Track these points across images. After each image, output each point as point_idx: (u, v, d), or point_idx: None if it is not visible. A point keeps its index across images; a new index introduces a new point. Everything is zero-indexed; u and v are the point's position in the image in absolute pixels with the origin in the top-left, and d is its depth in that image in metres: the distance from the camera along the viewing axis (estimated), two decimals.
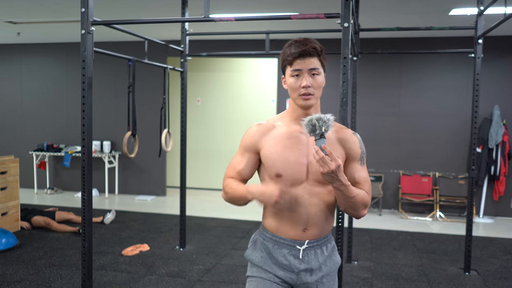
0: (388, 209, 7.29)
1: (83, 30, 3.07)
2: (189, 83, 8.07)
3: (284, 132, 1.79)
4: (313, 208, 1.75)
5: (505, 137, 6.67)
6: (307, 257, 1.79)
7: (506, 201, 6.91)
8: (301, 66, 1.71)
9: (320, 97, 1.79)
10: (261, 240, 1.87)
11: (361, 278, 4.26)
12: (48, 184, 8.36)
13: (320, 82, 1.75)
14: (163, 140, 4.84)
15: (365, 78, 6.94)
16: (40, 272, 4.24)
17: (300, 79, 1.73)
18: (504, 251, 5.21)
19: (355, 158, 1.79)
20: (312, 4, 5.15)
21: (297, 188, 1.74)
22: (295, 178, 1.74)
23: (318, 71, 1.73)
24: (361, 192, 1.72)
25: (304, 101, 1.74)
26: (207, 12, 3.16)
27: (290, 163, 1.73)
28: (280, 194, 1.62)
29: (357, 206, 1.71)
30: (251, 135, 1.82)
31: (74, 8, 5.49)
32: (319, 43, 1.75)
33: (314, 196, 1.75)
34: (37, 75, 8.53)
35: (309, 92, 1.73)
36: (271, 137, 1.79)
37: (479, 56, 4.31)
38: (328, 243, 1.85)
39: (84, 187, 3.13)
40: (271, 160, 1.76)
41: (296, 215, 1.75)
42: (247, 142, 1.83)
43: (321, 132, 1.57)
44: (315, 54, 1.72)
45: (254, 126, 1.84)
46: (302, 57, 1.71)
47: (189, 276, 4.23)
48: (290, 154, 1.74)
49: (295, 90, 1.75)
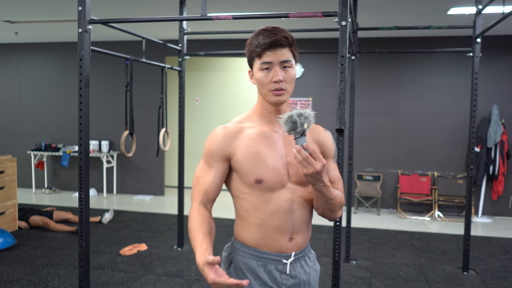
0: (386, 209, 7.29)
1: (80, 28, 3.07)
2: (187, 83, 8.06)
3: (255, 133, 1.58)
4: (297, 213, 1.59)
5: (504, 137, 6.67)
6: (294, 270, 1.62)
7: (504, 200, 6.91)
8: (272, 58, 1.52)
9: (291, 92, 1.59)
10: (240, 259, 1.62)
11: (359, 278, 4.25)
12: (46, 183, 8.35)
13: (293, 75, 1.56)
14: (161, 139, 4.83)
15: (363, 78, 6.94)
16: (37, 271, 4.22)
17: (270, 72, 1.53)
18: (502, 251, 5.20)
19: (329, 156, 1.66)
20: (310, 3, 5.14)
21: (279, 193, 1.56)
22: (277, 182, 1.56)
23: (291, 64, 1.54)
24: (338, 193, 1.59)
25: (276, 97, 1.54)
26: (204, 11, 3.16)
27: (269, 166, 1.55)
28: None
29: (335, 207, 1.59)
30: (219, 140, 1.58)
31: (72, 8, 5.48)
32: (289, 32, 1.56)
33: (296, 200, 1.59)
34: (35, 74, 8.51)
35: (281, 87, 1.53)
36: (243, 140, 1.57)
37: (478, 55, 4.30)
38: (309, 252, 1.70)
39: (81, 187, 3.12)
40: (248, 166, 1.55)
41: (282, 223, 1.57)
42: (214, 149, 1.58)
43: (303, 130, 1.42)
44: (287, 44, 1.53)
45: (220, 129, 1.60)
46: (272, 48, 1.51)
47: (187, 275, 4.22)
48: (268, 156, 1.56)
49: (266, 85, 1.54)
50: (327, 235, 5.58)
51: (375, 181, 7.17)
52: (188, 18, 3.42)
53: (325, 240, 5.40)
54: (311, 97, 7.38)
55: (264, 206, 1.56)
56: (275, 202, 1.56)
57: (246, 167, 1.55)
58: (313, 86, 7.31)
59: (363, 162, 7.23)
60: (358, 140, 6.66)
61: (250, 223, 1.59)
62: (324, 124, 1.75)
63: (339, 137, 2.66)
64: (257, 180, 1.54)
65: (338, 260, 2.80)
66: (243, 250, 1.62)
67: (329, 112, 6.99)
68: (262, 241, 1.58)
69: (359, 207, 7.30)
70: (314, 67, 7.28)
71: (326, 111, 7.07)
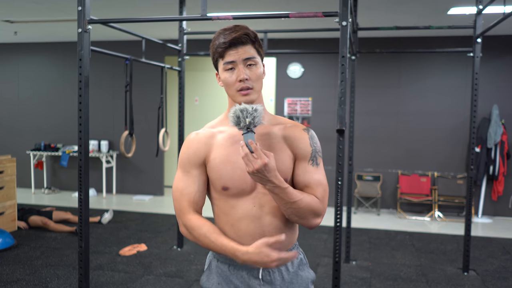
0: (386, 209, 7.28)
1: (80, 28, 3.06)
2: (187, 83, 8.05)
3: (225, 138, 1.55)
4: (267, 219, 1.52)
5: (504, 137, 6.66)
6: (269, 276, 1.56)
7: (505, 201, 6.90)
8: (234, 57, 1.47)
9: (261, 90, 1.54)
10: (215, 262, 1.62)
11: (360, 278, 4.24)
12: (46, 184, 8.33)
13: (259, 73, 1.50)
14: (160, 139, 4.82)
15: (363, 78, 6.94)
16: (37, 272, 4.21)
17: (235, 72, 1.48)
18: (503, 251, 5.20)
19: (304, 158, 1.55)
20: (310, 3, 5.13)
21: (245, 199, 1.52)
22: (243, 188, 1.51)
23: (255, 61, 1.49)
24: (306, 198, 1.47)
25: (243, 96, 1.48)
26: (204, 11, 3.15)
27: (235, 172, 1.50)
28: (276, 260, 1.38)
29: (303, 213, 1.47)
30: (194, 146, 1.55)
31: (71, 7, 5.47)
32: (252, 29, 1.52)
33: (265, 204, 1.52)
34: (35, 74, 8.50)
35: (247, 86, 1.48)
36: (214, 146, 1.54)
37: (478, 56, 4.30)
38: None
39: (81, 187, 3.11)
40: (217, 172, 1.52)
41: (250, 229, 1.52)
42: (191, 157, 1.55)
43: (246, 125, 1.36)
44: (248, 41, 1.48)
45: (193, 135, 1.58)
46: (234, 47, 1.47)
47: (186, 276, 4.21)
48: (235, 163, 1.50)
49: (231, 86, 1.50)
50: (327, 235, 5.57)
51: (375, 181, 7.16)
52: (188, 18, 3.41)
53: (325, 240, 5.40)
54: (311, 97, 7.37)
55: (231, 212, 1.53)
56: (241, 208, 1.52)
57: (215, 174, 1.52)
58: (313, 86, 7.30)
59: (363, 162, 7.22)
60: (358, 140, 6.65)
61: (221, 228, 1.57)
62: (324, 124, 1.72)
63: (340, 137, 2.65)
64: (223, 187, 1.52)
65: (338, 261, 2.79)
66: (217, 255, 1.61)
67: (329, 112, 6.98)
68: None
69: (359, 207, 7.29)
70: (314, 67, 7.27)
71: (326, 112, 7.06)
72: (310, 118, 7.27)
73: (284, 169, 1.52)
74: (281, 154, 1.53)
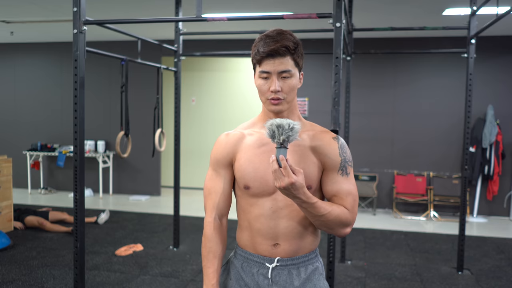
0: (382, 209, 7.31)
1: (75, 29, 3.06)
2: (183, 83, 8.07)
3: (254, 140, 1.59)
4: (283, 221, 1.55)
5: (499, 137, 6.69)
6: (279, 277, 1.58)
7: (499, 200, 6.94)
8: (270, 68, 1.49)
9: (293, 100, 1.57)
10: (232, 258, 1.69)
11: (355, 278, 4.26)
12: (42, 184, 8.33)
13: (293, 85, 1.52)
14: (156, 140, 4.83)
15: (359, 78, 6.96)
16: (32, 272, 4.22)
17: (268, 81, 1.51)
18: (497, 251, 5.23)
19: (333, 168, 1.55)
20: (306, 3, 5.15)
21: (264, 200, 1.56)
22: (263, 189, 1.55)
23: (290, 73, 1.50)
24: (335, 210, 1.48)
25: (273, 106, 1.53)
26: (199, 12, 3.16)
27: (258, 173, 1.54)
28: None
29: (331, 225, 1.49)
30: (223, 146, 1.62)
31: (67, 7, 5.47)
32: (294, 38, 1.52)
33: (284, 208, 1.55)
34: (31, 74, 8.49)
35: (278, 97, 1.51)
36: (241, 147, 1.60)
37: (472, 56, 4.32)
38: (308, 265, 1.61)
39: (77, 187, 3.12)
40: (240, 172, 1.57)
41: (264, 228, 1.56)
42: (219, 157, 1.62)
43: (280, 142, 1.36)
44: (287, 53, 1.48)
45: (223, 136, 1.65)
46: (271, 57, 1.48)
47: (182, 276, 4.23)
48: (259, 163, 1.55)
49: (264, 94, 1.53)
50: (323, 236, 5.59)
51: (371, 181, 7.19)
52: (183, 20, 3.42)
53: (321, 240, 5.42)
54: (307, 98, 7.40)
55: (249, 210, 1.59)
56: (258, 207, 1.57)
57: (239, 173, 1.58)
58: (309, 87, 7.32)
59: (359, 162, 7.25)
60: (354, 140, 6.68)
61: (240, 224, 1.65)
62: (320, 124, 1.70)
63: None
64: (245, 186, 1.57)
65: (332, 260, 2.81)
66: (236, 250, 1.69)
67: (325, 112, 7.00)
68: (249, 243, 1.61)
69: None
70: (311, 67, 7.29)
71: (323, 112, 7.09)
72: (306, 118, 7.27)
73: (311, 176, 1.54)
74: (308, 162, 1.55)
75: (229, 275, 1.66)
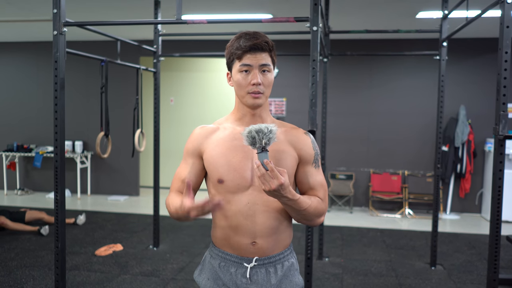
0: (359, 207, 7.46)
1: (55, 31, 3.08)
2: (162, 83, 8.07)
3: (227, 134, 1.63)
4: (261, 217, 1.58)
5: (471, 136, 6.91)
6: (257, 276, 1.60)
7: (471, 198, 7.15)
8: (252, 61, 1.55)
9: (268, 96, 1.62)
10: (208, 258, 1.70)
11: (332, 274, 4.37)
12: (18, 185, 8.22)
13: (271, 80, 1.59)
14: (136, 140, 4.85)
15: (335, 79, 7.08)
16: (12, 273, 4.20)
17: (249, 75, 1.56)
18: (468, 246, 5.41)
19: (308, 161, 1.63)
20: (284, 5, 5.23)
21: (240, 195, 1.57)
22: (238, 183, 1.57)
23: (269, 68, 1.57)
24: (314, 202, 1.57)
25: (253, 99, 1.57)
26: (179, 14, 3.21)
27: (232, 166, 1.57)
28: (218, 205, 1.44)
29: (310, 217, 1.57)
30: (193, 138, 1.67)
31: (44, 8, 5.44)
32: (269, 38, 1.60)
33: (260, 203, 1.58)
34: (6, 74, 8.37)
35: (259, 90, 1.55)
36: (214, 140, 1.63)
37: (444, 58, 4.47)
38: (284, 261, 1.66)
39: (57, 188, 3.13)
40: (212, 164, 1.60)
41: (242, 226, 1.58)
42: (189, 147, 1.68)
43: (262, 146, 1.40)
44: (267, 49, 1.56)
45: (197, 129, 1.69)
46: (253, 51, 1.54)
47: (162, 275, 4.26)
48: (233, 157, 1.58)
49: (244, 88, 1.57)
50: (301, 234, 5.68)
51: (348, 180, 7.33)
52: (163, 22, 3.46)
53: (299, 238, 5.50)
54: (285, 98, 7.49)
55: (226, 207, 1.58)
56: (235, 203, 1.58)
57: (211, 165, 1.61)
58: (287, 87, 7.42)
59: (336, 162, 7.37)
60: (331, 140, 6.79)
61: (216, 223, 1.65)
62: (298, 124, 1.79)
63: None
64: (219, 180, 1.59)
65: (310, 257, 2.90)
66: (212, 249, 1.70)
67: (303, 112, 7.09)
68: (226, 242, 1.62)
69: (332, 206, 7.44)
70: (289, 68, 7.39)
71: (300, 112, 7.19)
72: (284, 118, 7.39)
73: (289, 171, 1.58)
74: (287, 156, 1.60)
75: (206, 275, 1.67)
